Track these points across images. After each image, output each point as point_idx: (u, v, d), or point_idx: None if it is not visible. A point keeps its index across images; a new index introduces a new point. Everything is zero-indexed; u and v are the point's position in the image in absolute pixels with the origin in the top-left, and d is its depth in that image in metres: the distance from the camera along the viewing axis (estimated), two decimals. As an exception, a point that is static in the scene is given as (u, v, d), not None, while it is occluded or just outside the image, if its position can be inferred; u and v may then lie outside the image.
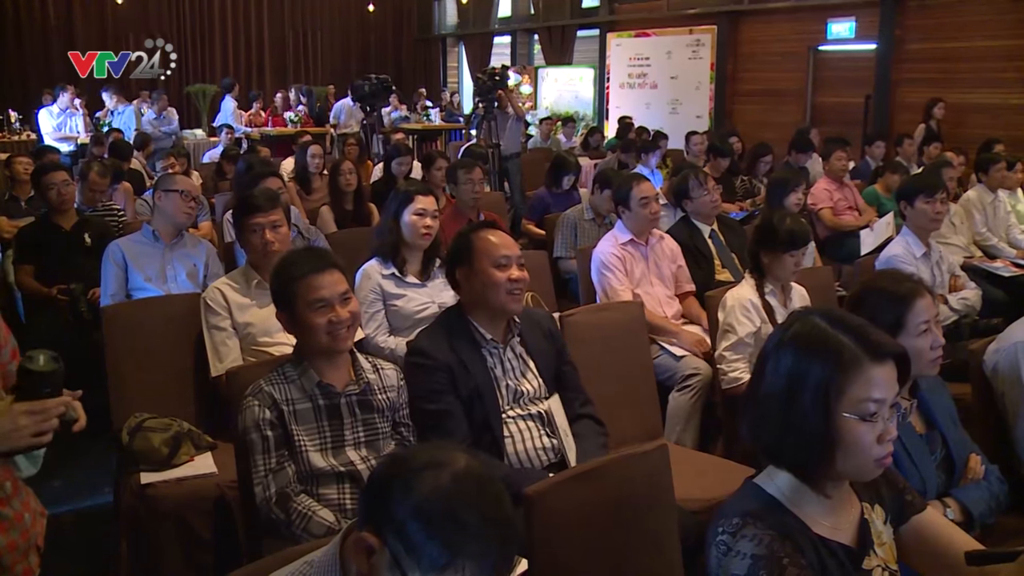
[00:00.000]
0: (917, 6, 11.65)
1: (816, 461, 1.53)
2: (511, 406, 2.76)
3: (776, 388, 1.55)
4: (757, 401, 1.60)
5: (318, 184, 6.91)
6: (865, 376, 1.51)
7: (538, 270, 4.47)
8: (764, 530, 1.50)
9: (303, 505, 2.38)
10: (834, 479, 1.58)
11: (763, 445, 1.59)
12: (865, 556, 1.60)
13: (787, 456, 1.56)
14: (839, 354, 1.52)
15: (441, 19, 21.37)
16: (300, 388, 2.47)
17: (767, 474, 1.63)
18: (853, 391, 1.50)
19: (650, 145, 9.00)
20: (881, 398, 1.51)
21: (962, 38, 11.07)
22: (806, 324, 1.59)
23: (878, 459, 1.52)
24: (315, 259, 2.55)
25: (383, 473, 1.42)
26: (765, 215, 3.96)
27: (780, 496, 1.59)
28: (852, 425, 1.50)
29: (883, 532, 1.67)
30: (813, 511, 1.58)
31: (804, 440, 1.52)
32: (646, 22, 15.54)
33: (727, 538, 1.52)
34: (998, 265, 6.02)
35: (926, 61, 11.54)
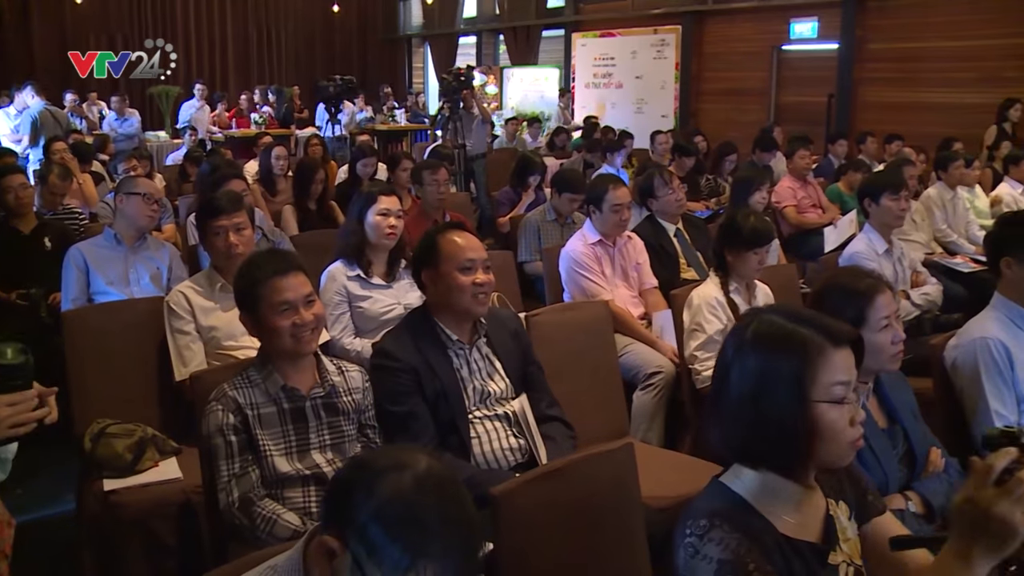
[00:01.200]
0: (877, 7, 11.79)
1: (797, 454, 1.54)
2: (478, 407, 2.76)
3: (748, 389, 1.56)
4: (728, 405, 1.60)
5: (283, 186, 6.86)
6: (830, 361, 1.53)
7: (504, 270, 4.47)
8: (731, 533, 1.50)
9: (267, 509, 2.37)
10: (813, 468, 1.60)
11: (739, 447, 1.60)
12: (831, 552, 1.61)
13: (767, 454, 1.57)
14: (805, 344, 1.54)
15: (406, 19, 21.33)
16: (264, 392, 2.46)
17: (733, 473, 1.64)
18: (822, 377, 1.52)
19: (615, 145, 9.03)
20: (847, 380, 1.54)
21: (921, 39, 11.23)
22: (764, 323, 1.60)
23: (852, 442, 1.55)
24: (278, 261, 2.53)
25: (345, 476, 1.42)
26: (729, 213, 3.98)
27: (747, 495, 1.59)
28: (826, 410, 1.52)
29: (848, 528, 1.69)
30: (780, 508, 1.59)
31: (784, 434, 1.53)
32: (611, 22, 15.60)
33: (695, 540, 1.53)
34: (958, 261, 6.10)
35: (887, 61, 11.70)
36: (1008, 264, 2.97)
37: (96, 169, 8.27)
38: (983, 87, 10.56)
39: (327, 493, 1.45)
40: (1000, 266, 3.01)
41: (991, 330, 2.95)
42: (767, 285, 3.86)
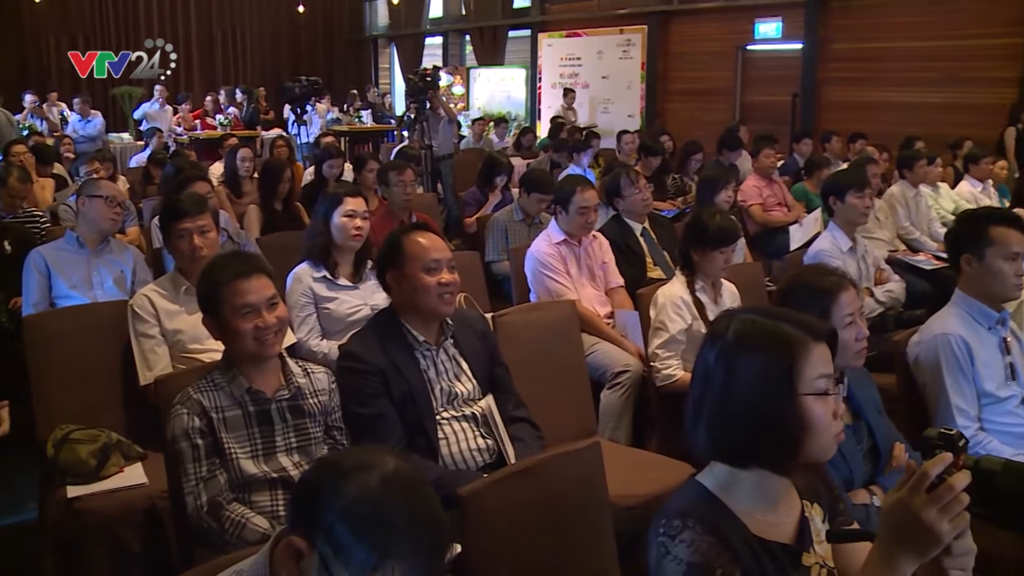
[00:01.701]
0: (840, 7, 11.91)
1: (785, 450, 1.55)
2: (445, 408, 2.76)
3: (738, 391, 1.56)
4: (715, 407, 1.59)
5: (248, 188, 6.81)
6: (813, 355, 1.55)
7: (471, 271, 4.47)
8: (702, 535, 1.51)
9: (236, 513, 2.35)
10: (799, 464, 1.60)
11: (728, 448, 1.59)
12: (804, 552, 1.62)
13: (759, 451, 1.57)
14: (789, 340, 1.56)
15: (372, 20, 21.26)
16: (229, 395, 2.44)
17: (710, 471, 1.64)
18: (807, 371, 1.54)
19: (582, 144, 9.05)
20: (828, 373, 1.56)
21: (883, 39, 11.36)
22: (744, 323, 1.61)
23: (835, 435, 1.56)
24: (241, 264, 2.52)
25: (312, 477, 1.41)
26: (695, 213, 4.00)
27: (722, 495, 1.59)
28: (813, 404, 1.53)
29: (822, 530, 1.69)
30: (757, 508, 1.59)
31: (776, 432, 1.53)
32: (577, 22, 15.64)
33: (666, 540, 1.53)
34: (921, 258, 6.16)
35: (850, 60, 11.82)
36: (968, 261, 3.01)
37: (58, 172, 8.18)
38: (943, 87, 10.71)
39: (294, 494, 1.45)
40: (960, 263, 3.04)
41: (952, 326, 2.99)
42: (733, 283, 3.88)
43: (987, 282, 2.98)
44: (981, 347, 2.96)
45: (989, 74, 10.33)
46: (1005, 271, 2.95)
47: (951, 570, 1.42)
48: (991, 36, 10.29)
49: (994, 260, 2.95)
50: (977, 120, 10.18)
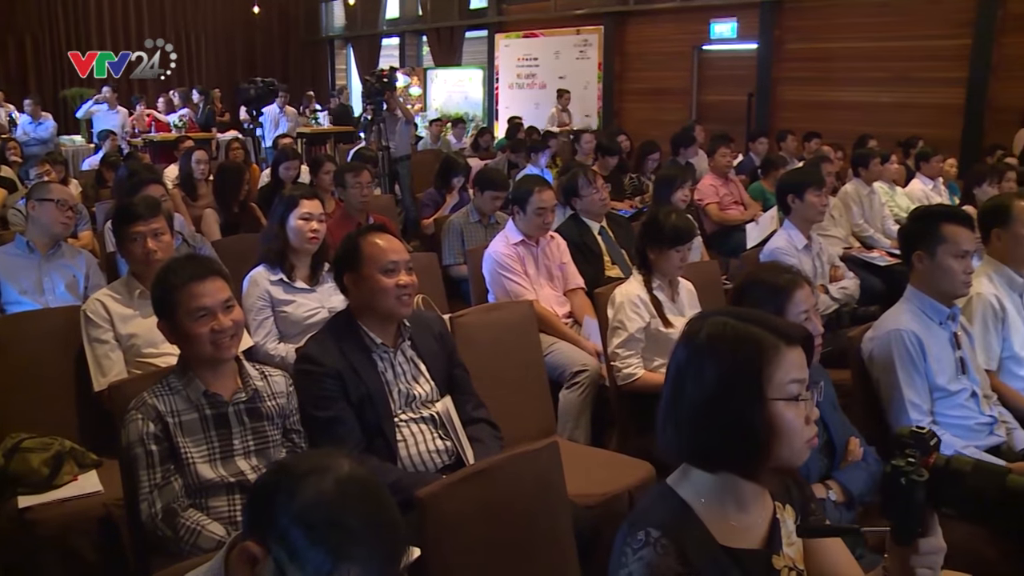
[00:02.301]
0: (794, 8, 12.05)
1: (755, 455, 1.54)
2: (403, 410, 2.75)
3: (706, 393, 1.55)
4: (685, 410, 1.58)
5: (204, 190, 6.75)
6: (786, 360, 1.54)
7: (428, 272, 4.45)
8: (662, 556, 1.49)
9: (191, 520, 2.32)
10: (771, 469, 1.59)
11: (698, 451, 1.58)
12: (774, 555, 1.62)
13: (728, 456, 1.56)
14: (760, 344, 1.54)
15: (328, 21, 21.16)
16: (186, 399, 2.42)
17: (682, 474, 1.62)
18: (778, 376, 1.52)
19: (539, 145, 9.06)
20: (801, 378, 1.55)
21: (835, 39, 11.53)
22: (716, 325, 1.59)
23: (808, 440, 1.55)
24: (196, 267, 2.50)
25: (266, 480, 1.40)
26: (651, 212, 4.02)
27: (692, 499, 1.58)
28: (784, 409, 1.52)
29: (792, 532, 1.69)
30: (728, 513, 1.58)
31: (744, 436, 1.52)
32: (534, 23, 15.68)
33: (628, 552, 1.52)
34: (875, 255, 6.24)
35: (804, 60, 11.97)
36: (920, 258, 3.05)
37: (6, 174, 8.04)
38: (895, 86, 10.89)
39: (248, 499, 1.44)
40: (912, 260, 3.09)
41: (904, 322, 3.03)
42: (690, 282, 3.90)
43: (937, 279, 3.03)
44: (933, 342, 3.01)
45: (938, 74, 10.52)
46: (955, 268, 3.00)
47: (918, 568, 1.43)
48: (940, 38, 10.48)
49: (945, 257, 3.00)
50: (928, 119, 10.38)
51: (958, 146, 9.91)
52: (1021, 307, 3.43)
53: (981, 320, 3.34)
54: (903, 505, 1.41)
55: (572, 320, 4.47)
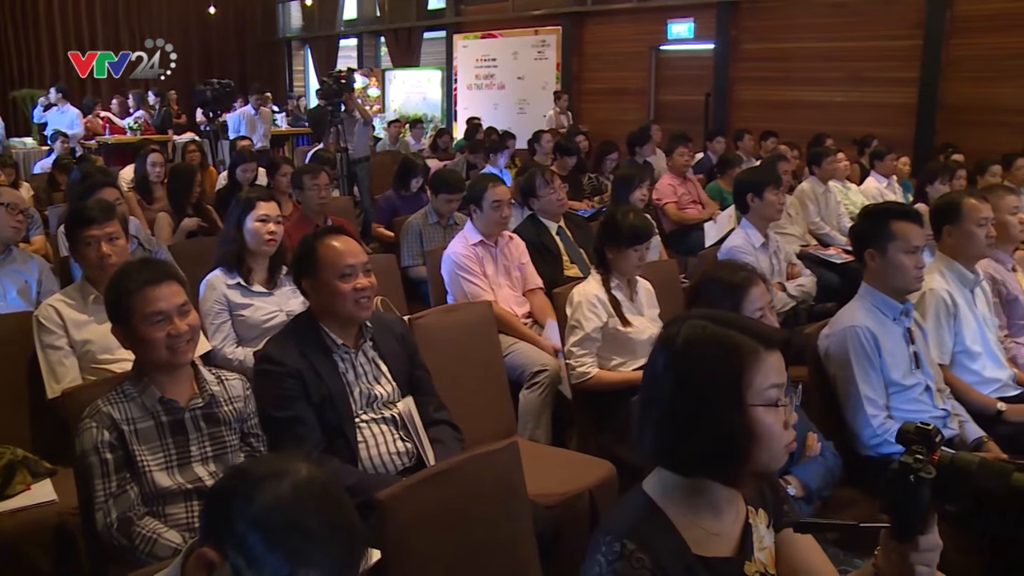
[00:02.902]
0: (750, 9, 12.16)
1: (734, 460, 1.53)
2: (364, 411, 2.75)
3: (685, 399, 1.54)
4: (662, 414, 1.57)
5: (160, 193, 6.67)
6: (764, 365, 1.53)
7: (387, 274, 4.44)
8: (638, 570, 1.48)
9: (147, 529, 2.30)
10: (748, 474, 1.58)
11: (675, 456, 1.57)
12: (746, 561, 1.61)
13: (705, 461, 1.55)
14: (739, 349, 1.53)
15: (285, 22, 21.02)
16: (141, 406, 2.39)
17: (657, 477, 1.61)
18: (757, 381, 1.51)
19: (498, 145, 9.07)
20: (780, 382, 1.54)
21: (791, 39, 11.65)
22: (694, 329, 1.58)
23: (786, 445, 1.54)
24: (151, 271, 2.47)
25: (223, 485, 1.39)
26: (609, 211, 4.03)
27: (666, 504, 1.57)
28: (763, 415, 1.50)
29: (765, 537, 1.69)
30: (699, 518, 1.58)
31: (723, 442, 1.51)
32: (492, 23, 15.68)
33: (603, 562, 1.51)
34: (831, 252, 6.30)
35: (760, 60, 12.08)
36: (872, 256, 3.10)
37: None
38: (849, 86, 11.03)
39: (205, 504, 1.42)
40: (865, 258, 3.13)
41: (859, 319, 3.07)
42: (648, 281, 3.92)
43: (890, 275, 3.07)
44: (887, 338, 3.05)
45: (891, 75, 10.67)
46: (906, 264, 3.04)
47: (917, 565, 1.43)
48: (892, 39, 10.64)
49: (896, 254, 3.05)
50: (881, 118, 10.53)
51: (911, 145, 10.06)
52: (972, 302, 3.49)
53: (934, 315, 3.39)
54: (910, 502, 1.39)
55: (531, 320, 4.49)
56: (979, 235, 3.47)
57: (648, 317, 3.78)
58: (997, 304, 3.73)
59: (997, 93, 9.81)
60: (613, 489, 3.12)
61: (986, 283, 3.63)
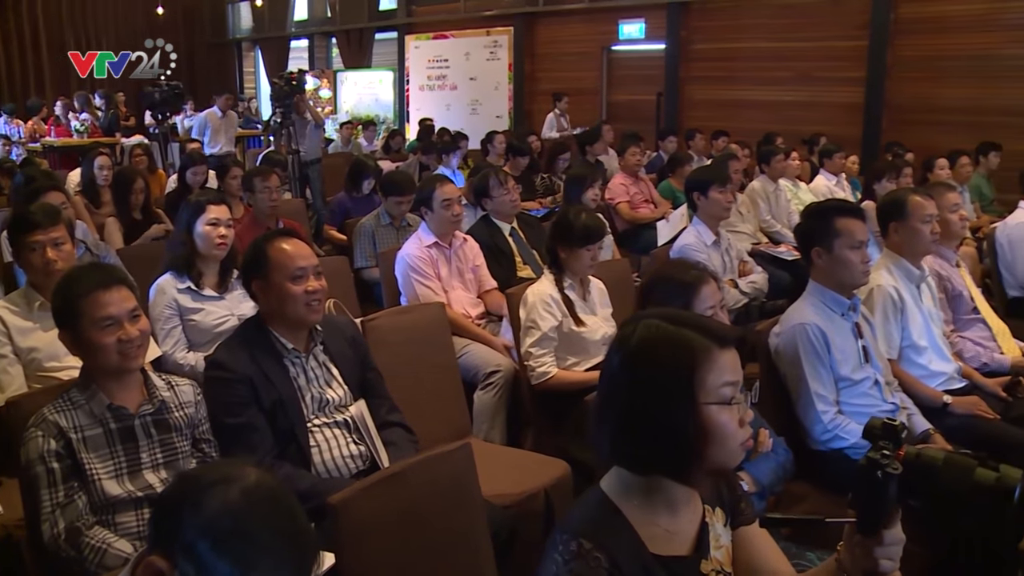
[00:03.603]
0: (700, 9, 12.26)
1: (689, 458, 1.53)
2: (316, 415, 2.72)
3: (639, 398, 1.54)
4: (617, 413, 1.57)
5: (107, 197, 6.57)
6: (718, 363, 1.53)
7: (339, 276, 4.43)
8: (594, 570, 1.49)
9: (96, 539, 2.26)
10: (703, 472, 1.59)
11: (630, 455, 1.57)
12: (703, 560, 1.62)
13: (661, 459, 1.55)
14: (692, 347, 1.53)
15: (235, 22, 20.83)
16: (89, 413, 2.35)
17: (615, 476, 1.62)
18: (710, 379, 1.52)
19: (450, 146, 9.05)
20: (735, 380, 1.55)
21: (740, 39, 11.77)
22: (648, 328, 1.58)
23: (742, 443, 1.55)
24: (100, 275, 2.43)
25: (171, 492, 1.38)
26: (562, 211, 4.05)
27: (623, 503, 1.58)
28: (717, 413, 1.51)
29: (722, 535, 1.69)
30: (656, 517, 1.58)
31: (677, 441, 1.51)
32: (444, 24, 15.66)
33: (559, 560, 1.51)
34: (782, 250, 6.37)
35: (710, 60, 12.19)
36: (818, 254, 3.14)
37: None
38: (798, 86, 11.17)
39: (153, 511, 1.40)
40: (811, 256, 3.17)
41: (808, 316, 3.11)
42: (601, 280, 3.94)
43: (838, 271, 3.12)
44: (836, 333, 3.10)
45: (838, 74, 10.82)
46: (853, 259, 3.09)
47: (881, 559, 1.44)
48: (838, 39, 10.80)
49: (842, 250, 3.09)
50: (830, 117, 10.69)
51: (859, 143, 10.21)
52: (919, 298, 3.55)
53: (882, 311, 3.44)
54: (876, 497, 1.41)
55: (486, 320, 4.49)
56: (924, 232, 3.52)
57: (601, 316, 3.80)
58: (942, 300, 3.80)
59: (940, 93, 10.01)
60: (568, 489, 3.14)
61: (932, 279, 3.70)
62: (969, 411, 3.37)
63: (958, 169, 7.54)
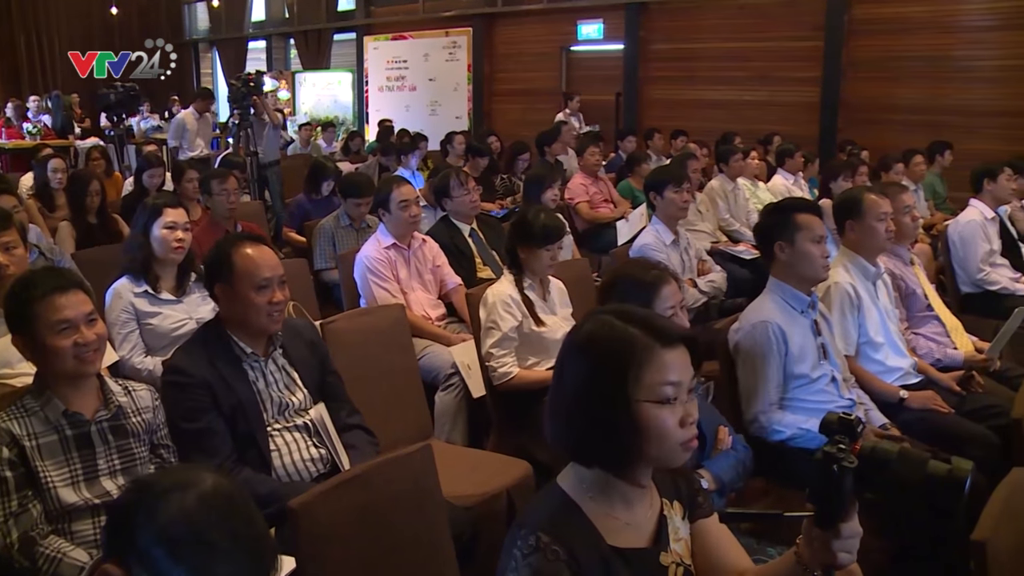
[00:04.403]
0: (658, 9, 12.33)
1: (625, 453, 1.55)
2: (276, 419, 2.71)
3: (578, 388, 1.57)
4: (561, 406, 1.60)
5: (62, 201, 6.48)
6: (658, 362, 1.53)
7: (299, 278, 4.40)
8: (552, 563, 1.50)
9: (51, 548, 2.22)
10: (644, 468, 1.61)
11: (573, 447, 1.60)
12: (661, 552, 1.63)
13: (597, 453, 1.57)
14: (631, 344, 1.54)
15: (192, 23, 20.60)
16: (43, 420, 2.31)
17: (572, 471, 1.63)
18: (649, 377, 1.53)
19: (410, 147, 9.03)
20: (677, 380, 1.54)
21: (699, 40, 11.85)
22: (597, 322, 1.60)
23: (683, 442, 1.55)
24: (56, 279, 2.40)
25: (125, 499, 1.36)
26: (521, 211, 4.06)
27: (580, 498, 1.59)
28: (651, 410, 1.52)
29: (680, 528, 1.71)
30: (614, 509, 1.60)
31: (611, 434, 1.53)
32: (402, 25, 15.61)
33: (518, 555, 1.52)
34: (741, 248, 6.44)
35: (669, 60, 12.25)
36: (781, 248, 3.18)
37: None
38: (756, 85, 11.27)
39: (108, 519, 1.38)
40: (774, 251, 3.20)
41: (769, 313, 3.15)
42: (561, 280, 3.95)
43: (800, 265, 3.16)
44: (795, 330, 3.14)
45: (795, 74, 10.93)
46: (814, 253, 3.14)
47: (839, 552, 1.46)
48: (794, 39, 10.91)
49: (804, 243, 3.14)
50: (787, 116, 10.80)
51: (816, 142, 10.31)
52: (875, 295, 3.60)
53: (839, 308, 3.48)
54: (833, 491, 1.43)
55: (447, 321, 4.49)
56: (879, 230, 3.58)
57: (561, 316, 3.81)
58: (897, 298, 3.86)
59: (894, 93, 10.16)
60: (530, 488, 3.14)
61: (887, 277, 3.75)
62: (924, 405, 3.42)
63: (912, 168, 7.65)
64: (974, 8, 9.69)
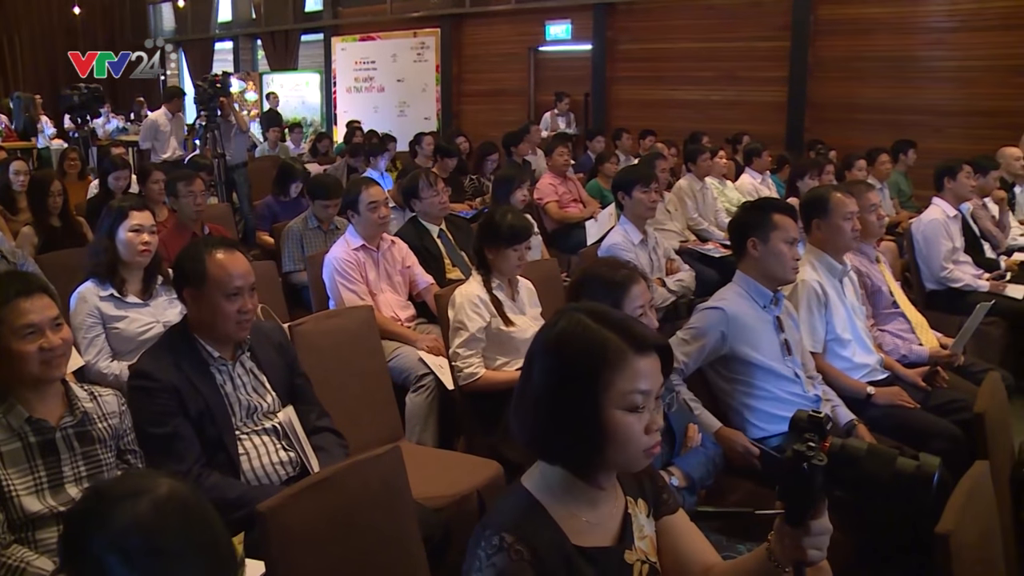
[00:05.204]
0: (626, 10, 12.37)
1: (588, 455, 1.55)
2: (245, 422, 2.69)
3: (546, 386, 1.56)
4: (527, 401, 1.59)
5: (24, 204, 6.39)
6: (631, 369, 1.52)
7: (267, 281, 4.37)
8: (516, 563, 1.50)
9: (14, 558, 2.19)
10: (606, 471, 1.61)
11: (535, 443, 1.59)
12: (626, 550, 1.64)
13: (560, 452, 1.57)
14: (604, 348, 1.53)
15: (157, 24, 20.42)
16: (6, 427, 2.27)
17: (537, 471, 1.63)
18: (619, 384, 1.51)
19: (378, 148, 9.01)
20: (647, 389, 1.54)
21: (666, 40, 11.92)
22: (571, 321, 1.58)
23: (646, 449, 1.55)
24: (20, 283, 2.36)
25: (79, 508, 1.35)
26: (489, 212, 4.06)
27: (544, 497, 1.59)
28: (619, 416, 1.51)
29: (645, 526, 1.71)
30: (578, 508, 1.60)
31: (575, 435, 1.53)
32: (370, 26, 15.58)
33: (482, 556, 1.52)
34: (710, 247, 6.48)
35: (637, 60, 12.31)
36: (754, 244, 3.21)
37: None
38: (723, 85, 11.37)
39: (63, 528, 1.37)
40: (746, 246, 3.23)
41: (727, 301, 3.22)
42: (530, 280, 3.95)
43: (770, 263, 3.20)
44: (757, 324, 3.19)
45: (761, 74, 11.04)
46: (786, 253, 3.19)
47: (809, 548, 1.46)
48: (761, 39, 11.01)
49: (777, 243, 3.18)
50: (754, 116, 10.89)
51: (782, 141, 10.41)
52: (842, 292, 3.64)
53: (806, 305, 3.52)
54: (802, 489, 1.43)
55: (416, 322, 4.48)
56: (846, 228, 3.61)
57: (530, 316, 3.81)
58: (863, 295, 3.90)
59: (859, 92, 10.28)
60: (501, 488, 3.14)
61: (853, 274, 3.79)
62: (891, 401, 3.47)
63: (877, 166, 7.73)
64: (935, 10, 9.83)
